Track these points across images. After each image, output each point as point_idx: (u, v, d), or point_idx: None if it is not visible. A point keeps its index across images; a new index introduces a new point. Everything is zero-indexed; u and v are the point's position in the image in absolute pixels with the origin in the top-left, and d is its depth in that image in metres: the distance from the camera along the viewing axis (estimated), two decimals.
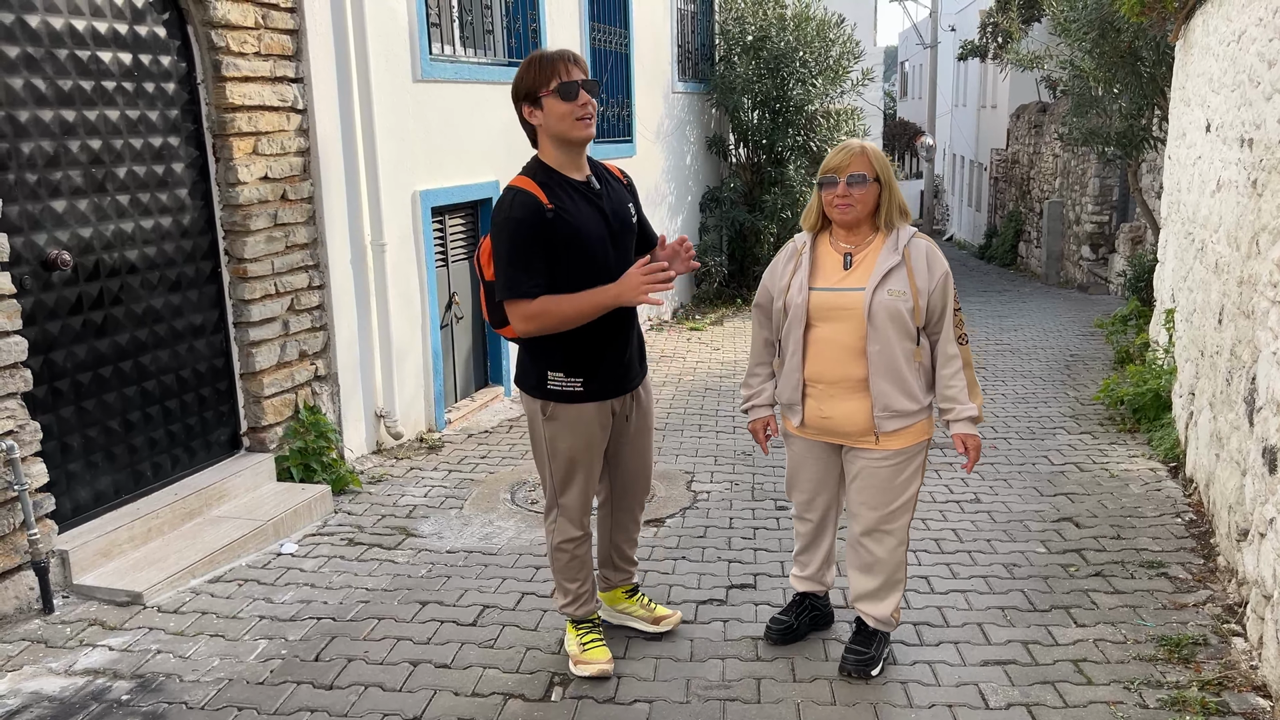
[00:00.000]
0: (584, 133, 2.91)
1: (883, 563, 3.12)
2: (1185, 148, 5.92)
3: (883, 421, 2.97)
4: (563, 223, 2.87)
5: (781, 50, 10.74)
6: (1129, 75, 9.26)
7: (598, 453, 3.14)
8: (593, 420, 3.07)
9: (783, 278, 3.09)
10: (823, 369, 3.01)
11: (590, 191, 2.99)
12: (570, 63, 2.89)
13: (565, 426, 3.06)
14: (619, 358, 3.08)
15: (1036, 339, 9.36)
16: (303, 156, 5.03)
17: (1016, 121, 19.74)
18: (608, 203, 3.02)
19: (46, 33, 3.77)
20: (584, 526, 3.21)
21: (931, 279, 2.94)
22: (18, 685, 3.20)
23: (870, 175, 2.94)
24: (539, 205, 2.85)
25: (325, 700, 3.12)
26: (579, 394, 3.02)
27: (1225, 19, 4.72)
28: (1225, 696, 3.01)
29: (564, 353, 3.00)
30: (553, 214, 2.86)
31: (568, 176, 2.96)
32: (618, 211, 3.04)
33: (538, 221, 2.84)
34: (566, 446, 3.09)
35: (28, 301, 3.71)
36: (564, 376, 3.01)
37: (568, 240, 2.88)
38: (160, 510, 4.19)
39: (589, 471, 3.14)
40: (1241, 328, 3.88)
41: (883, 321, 2.90)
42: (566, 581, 3.27)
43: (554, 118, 2.89)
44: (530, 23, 7.18)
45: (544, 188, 2.89)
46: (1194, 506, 4.59)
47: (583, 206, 2.94)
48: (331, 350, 5.29)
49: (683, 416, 6.55)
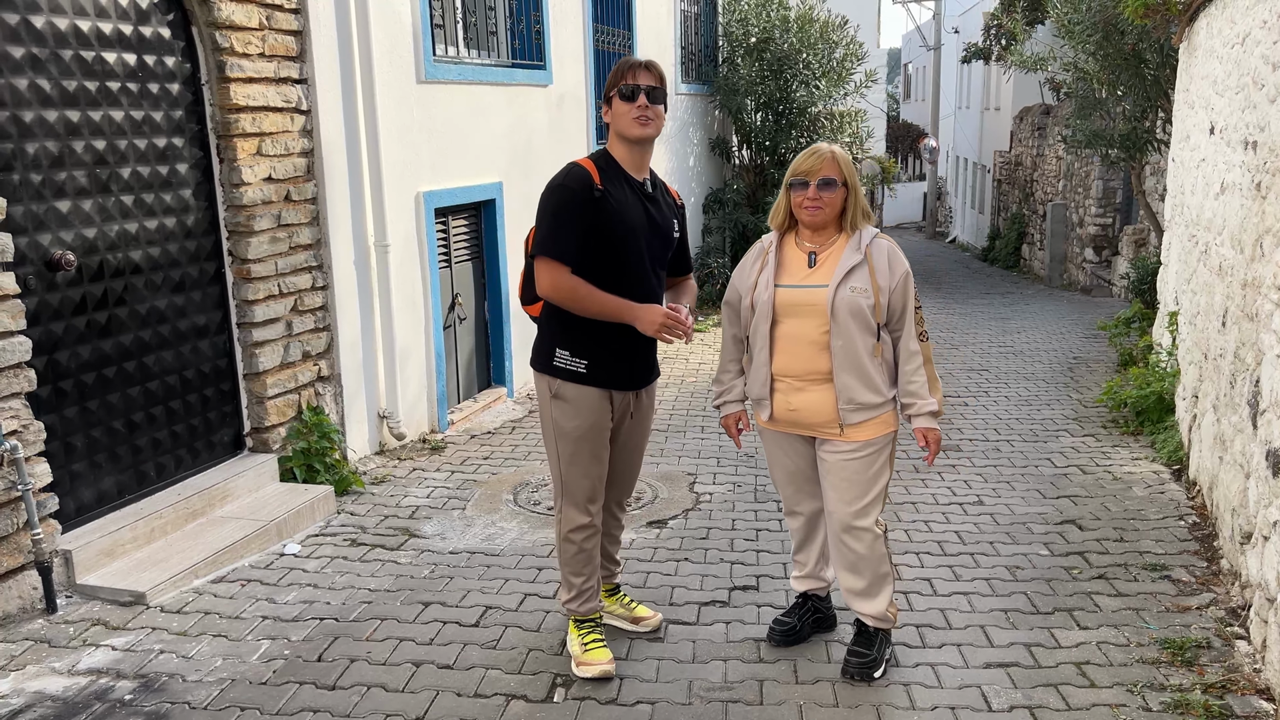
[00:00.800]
0: (637, 131, 3.07)
1: (865, 559, 3.14)
2: (1189, 150, 5.91)
3: (847, 413, 3.07)
4: (608, 205, 3.04)
5: (785, 52, 10.74)
6: (1133, 77, 9.26)
7: (602, 440, 3.20)
8: (596, 405, 3.16)
9: (750, 276, 3.20)
10: (789, 363, 3.12)
11: (643, 191, 3.17)
12: (641, 68, 3.09)
13: (570, 405, 3.16)
14: (626, 352, 3.17)
15: (1039, 341, 9.35)
16: (306, 157, 5.03)
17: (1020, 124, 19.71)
18: (656, 208, 3.20)
19: (51, 33, 3.78)
20: (590, 514, 3.24)
21: (892, 277, 3.06)
22: (21, 685, 3.21)
23: (839, 180, 3.07)
24: (590, 182, 3.03)
25: (328, 701, 3.12)
26: (583, 375, 3.14)
27: (1229, 21, 4.72)
28: (1228, 700, 3.01)
29: (574, 333, 3.13)
30: (601, 194, 3.04)
31: (626, 172, 3.13)
32: (663, 219, 3.21)
33: (585, 196, 3.01)
34: (572, 427, 3.17)
35: (32, 302, 3.71)
36: (569, 355, 3.14)
37: (609, 224, 3.04)
38: (163, 510, 4.20)
39: (594, 455, 3.20)
40: (1245, 330, 3.88)
41: (845, 317, 3.02)
42: (572, 575, 3.30)
43: (617, 115, 3.10)
44: (534, 24, 7.19)
45: (601, 172, 3.08)
46: (1197, 509, 4.59)
47: (631, 199, 3.11)
48: (335, 351, 5.30)
49: (685, 418, 6.55)
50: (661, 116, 3.12)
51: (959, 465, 5.47)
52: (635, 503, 4.92)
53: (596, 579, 3.33)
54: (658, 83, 3.09)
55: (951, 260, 21.44)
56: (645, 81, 3.07)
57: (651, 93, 3.06)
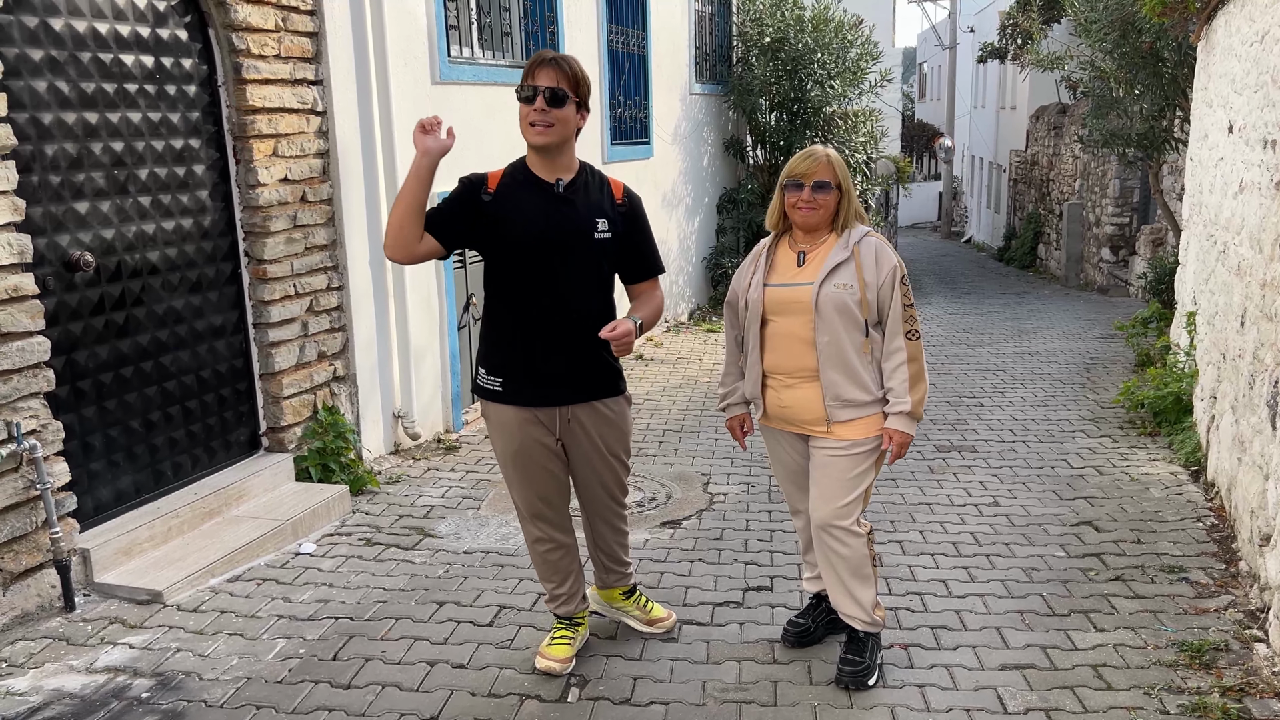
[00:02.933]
0: (533, 137, 2.92)
1: (846, 559, 3.14)
2: (1207, 149, 5.87)
3: (834, 410, 3.07)
4: (500, 210, 2.96)
5: (799, 51, 10.71)
6: (1150, 76, 9.19)
7: (531, 460, 3.09)
8: (513, 425, 3.05)
9: (745, 277, 3.22)
10: (779, 360, 3.14)
11: (549, 193, 2.99)
12: (544, 65, 2.87)
13: (493, 426, 3.12)
14: (535, 365, 3.01)
15: (1056, 341, 9.30)
16: (322, 158, 5.05)
17: (1036, 123, 19.61)
18: (569, 208, 2.99)
19: (70, 36, 3.81)
20: (537, 528, 3.23)
21: (880, 273, 3.05)
22: (40, 682, 3.24)
23: (834, 183, 3.07)
24: (483, 184, 2.98)
25: (343, 699, 3.13)
26: (498, 394, 3.06)
27: (1248, 19, 4.68)
28: (1247, 703, 2.98)
29: (491, 349, 3.09)
30: (490, 197, 2.97)
31: (535, 174, 3.00)
32: (577, 220, 2.99)
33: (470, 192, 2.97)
34: (499, 449, 3.14)
35: (50, 302, 3.74)
36: (485, 373, 3.09)
37: (501, 227, 2.96)
38: (180, 509, 4.22)
39: (525, 476, 3.13)
40: (1264, 331, 3.85)
41: (830, 313, 3.02)
42: (542, 580, 3.36)
43: (520, 119, 2.94)
44: (548, 25, 7.20)
45: (506, 175, 3.01)
46: (1215, 511, 4.55)
47: (533, 201, 2.97)
48: (350, 351, 5.32)
49: (699, 418, 6.55)
50: (568, 121, 2.89)
51: (974, 466, 5.45)
52: (649, 503, 4.93)
53: (570, 586, 3.33)
54: (563, 83, 2.84)
55: (967, 260, 21.36)
56: (545, 82, 2.84)
57: (553, 95, 2.84)
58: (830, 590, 3.24)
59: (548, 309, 2.99)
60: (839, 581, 3.18)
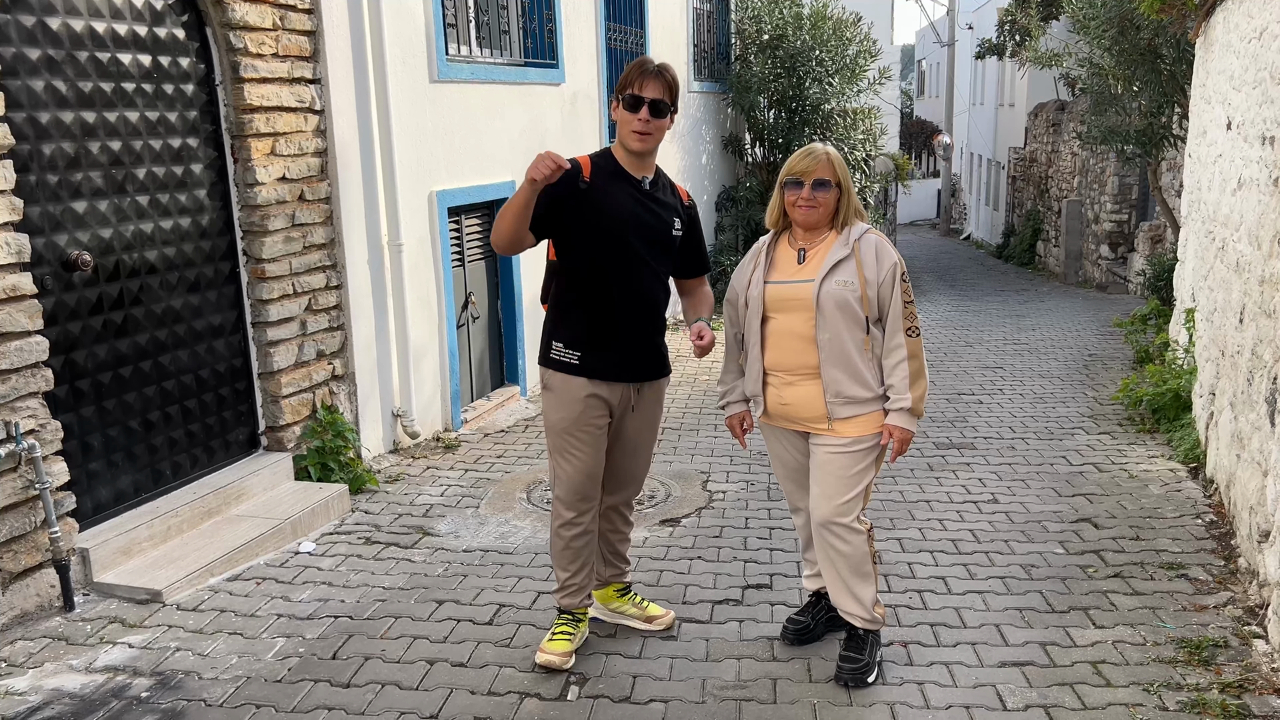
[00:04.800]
0: (636, 144, 3.13)
1: (846, 556, 3.15)
2: (1206, 146, 5.87)
3: (835, 407, 3.07)
4: (593, 198, 3.11)
5: (798, 49, 10.71)
6: (1149, 73, 9.19)
7: (590, 434, 3.21)
8: (581, 396, 3.17)
9: (745, 275, 3.23)
10: (780, 358, 3.15)
11: (640, 188, 3.19)
12: (651, 78, 3.09)
13: (556, 396, 3.21)
14: (621, 342, 3.20)
15: (1055, 339, 9.30)
16: (320, 157, 5.05)
17: (1035, 120, 19.60)
18: (654, 204, 3.22)
19: (67, 35, 3.80)
20: (577, 510, 3.26)
21: (880, 270, 3.06)
22: (39, 682, 3.24)
23: (833, 181, 3.08)
24: (578, 173, 3.09)
25: (342, 698, 3.13)
26: (573, 366, 3.17)
27: (1247, 15, 4.68)
28: (1246, 699, 2.98)
29: (569, 325, 3.20)
30: (587, 186, 3.11)
31: (624, 169, 3.19)
32: (658, 217, 3.22)
33: (567, 180, 3.04)
34: (557, 419, 3.21)
35: (49, 302, 3.74)
36: (563, 347, 3.20)
37: (594, 216, 3.11)
38: (179, 509, 4.22)
39: (581, 450, 3.21)
40: (1263, 327, 3.85)
41: (831, 310, 3.03)
42: (559, 568, 3.36)
43: (621, 121, 3.15)
44: (546, 23, 7.20)
45: (596, 166, 3.16)
46: (1214, 507, 4.55)
47: (624, 194, 3.15)
48: (349, 350, 5.32)
49: (698, 416, 6.55)
50: (663, 129, 3.15)
51: (974, 463, 5.45)
52: (649, 501, 4.93)
53: (586, 577, 3.36)
54: (665, 95, 3.09)
55: (966, 257, 21.37)
56: (651, 94, 3.07)
57: (656, 106, 3.08)
58: (830, 588, 3.24)
59: (628, 293, 3.19)
60: (839, 579, 3.18)
